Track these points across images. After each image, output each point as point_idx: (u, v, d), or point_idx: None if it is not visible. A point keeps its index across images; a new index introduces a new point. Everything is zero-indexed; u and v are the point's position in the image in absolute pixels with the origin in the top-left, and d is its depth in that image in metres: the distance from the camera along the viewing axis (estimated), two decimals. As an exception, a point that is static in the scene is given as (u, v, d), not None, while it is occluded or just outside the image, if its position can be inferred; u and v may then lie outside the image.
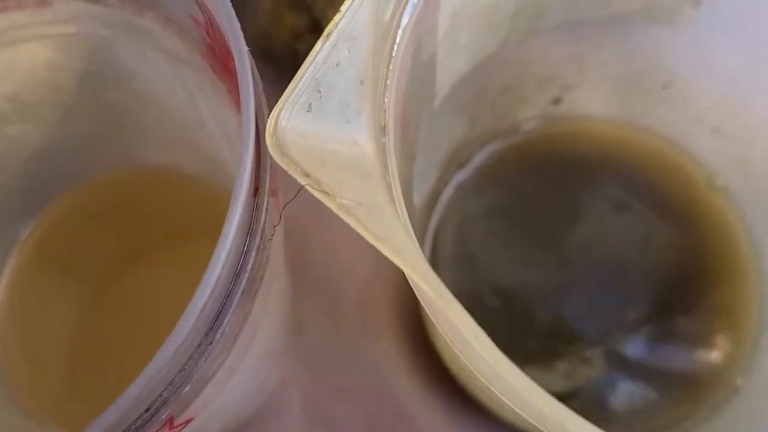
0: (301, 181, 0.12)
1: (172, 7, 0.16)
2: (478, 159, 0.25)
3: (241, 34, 0.13)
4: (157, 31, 0.17)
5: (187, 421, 0.15)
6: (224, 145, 0.20)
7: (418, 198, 0.23)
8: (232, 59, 0.15)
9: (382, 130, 0.15)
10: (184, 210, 0.23)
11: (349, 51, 0.13)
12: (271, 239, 0.15)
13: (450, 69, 0.20)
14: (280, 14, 0.23)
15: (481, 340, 0.11)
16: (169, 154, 0.23)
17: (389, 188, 0.13)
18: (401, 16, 0.16)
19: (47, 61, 0.21)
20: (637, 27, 0.21)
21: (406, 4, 0.16)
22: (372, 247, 0.29)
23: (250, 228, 0.13)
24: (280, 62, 0.26)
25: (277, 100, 0.13)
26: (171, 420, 0.14)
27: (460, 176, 0.25)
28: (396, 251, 0.12)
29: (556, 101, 0.25)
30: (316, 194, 0.12)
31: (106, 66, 0.20)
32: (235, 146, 0.19)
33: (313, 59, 0.13)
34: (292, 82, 0.13)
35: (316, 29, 0.23)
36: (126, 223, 0.23)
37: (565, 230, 0.25)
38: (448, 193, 0.25)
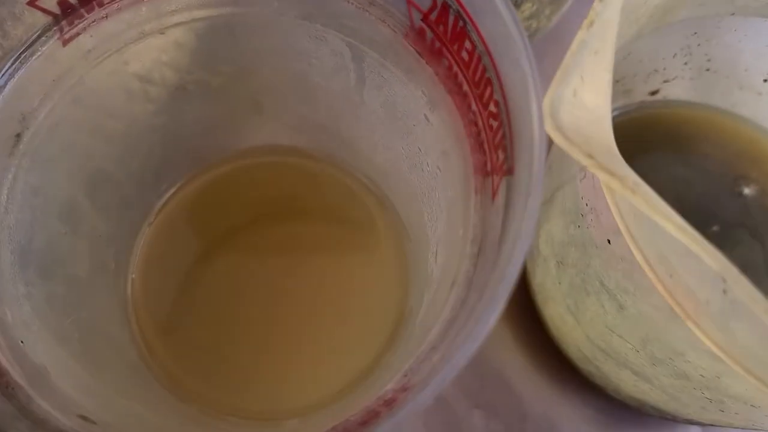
0: (585, 162, 0.13)
1: (382, -9, 0.16)
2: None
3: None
4: (352, 12, 0.17)
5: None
6: (379, 129, 0.21)
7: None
8: (459, 44, 0.15)
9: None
10: (313, 192, 0.23)
11: (604, 39, 0.14)
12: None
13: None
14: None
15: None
16: (303, 135, 0.23)
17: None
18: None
19: (185, 43, 0.20)
20: (752, 21, 0.23)
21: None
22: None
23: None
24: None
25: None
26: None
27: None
28: (676, 224, 0.13)
29: (654, 93, 0.26)
30: (601, 174, 0.13)
31: (270, 46, 0.20)
32: (405, 129, 0.19)
33: (578, 48, 0.14)
34: (560, 69, 0.14)
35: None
36: (255, 203, 0.23)
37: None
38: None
